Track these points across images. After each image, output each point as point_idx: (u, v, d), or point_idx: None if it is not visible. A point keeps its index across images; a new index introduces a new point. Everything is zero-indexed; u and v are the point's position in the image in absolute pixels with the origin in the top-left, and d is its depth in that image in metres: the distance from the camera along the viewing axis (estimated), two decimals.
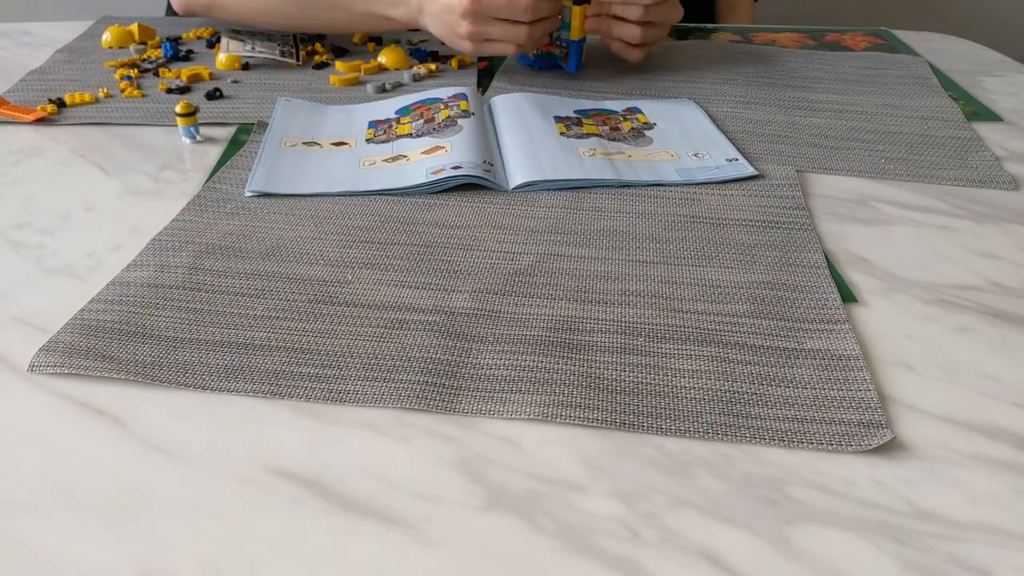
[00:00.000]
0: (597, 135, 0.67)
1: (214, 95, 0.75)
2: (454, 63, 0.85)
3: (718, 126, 0.70)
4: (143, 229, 0.55)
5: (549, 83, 0.81)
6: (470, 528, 0.34)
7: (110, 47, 0.89)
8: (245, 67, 0.84)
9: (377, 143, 0.66)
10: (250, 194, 0.58)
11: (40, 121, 0.70)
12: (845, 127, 0.73)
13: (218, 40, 0.90)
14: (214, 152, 0.66)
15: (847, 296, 0.48)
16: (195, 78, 0.79)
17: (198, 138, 0.69)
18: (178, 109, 0.67)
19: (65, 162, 0.65)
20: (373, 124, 0.69)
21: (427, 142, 0.65)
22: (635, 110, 0.72)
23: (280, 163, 0.62)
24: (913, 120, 0.74)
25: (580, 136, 0.66)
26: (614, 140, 0.66)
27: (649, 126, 0.69)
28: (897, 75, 0.85)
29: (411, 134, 0.66)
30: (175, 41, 0.88)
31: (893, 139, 0.71)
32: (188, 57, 0.86)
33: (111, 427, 0.39)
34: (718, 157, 0.64)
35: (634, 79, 0.81)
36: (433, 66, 0.83)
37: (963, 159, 0.67)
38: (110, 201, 0.59)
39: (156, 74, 0.81)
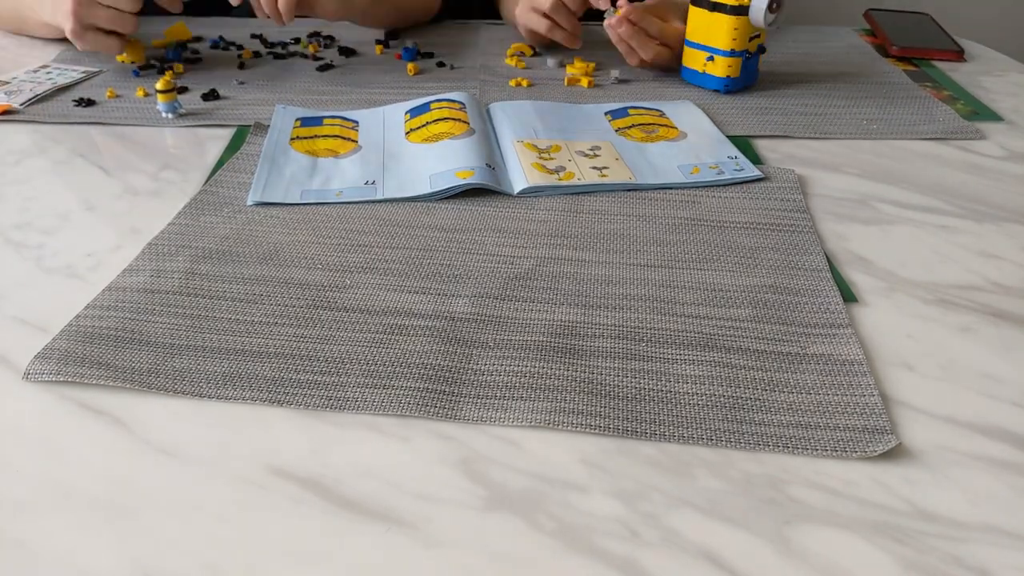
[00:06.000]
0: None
1: (210, 96, 0.75)
2: (411, 69, 0.83)
3: (719, 127, 0.70)
4: (143, 229, 0.55)
5: (539, 89, 0.81)
6: (470, 528, 0.34)
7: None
8: (241, 67, 0.84)
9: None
10: (252, 204, 0.57)
11: (40, 121, 0.71)
12: (819, 95, 0.79)
13: (222, 43, 0.90)
14: (214, 152, 0.66)
15: (847, 296, 0.48)
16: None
17: (181, 111, 0.71)
18: (158, 86, 0.69)
19: (65, 162, 0.65)
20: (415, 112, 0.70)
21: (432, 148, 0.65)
22: (662, 113, 0.73)
23: (283, 172, 0.61)
24: (872, 85, 0.81)
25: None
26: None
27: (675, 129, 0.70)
28: (839, 46, 0.93)
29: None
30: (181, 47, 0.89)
31: (863, 103, 0.77)
32: (195, 59, 0.86)
33: (111, 427, 0.39)
34: (720, 156, 0.64)
35: (605, 70, 0.81)
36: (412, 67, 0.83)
37: (929, 115, 0.74)
38: (110, 201, 0.59)
39: (161, 72, 0.81)
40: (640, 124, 0.70)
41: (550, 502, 0.35)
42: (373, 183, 0.60)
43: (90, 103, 0.74)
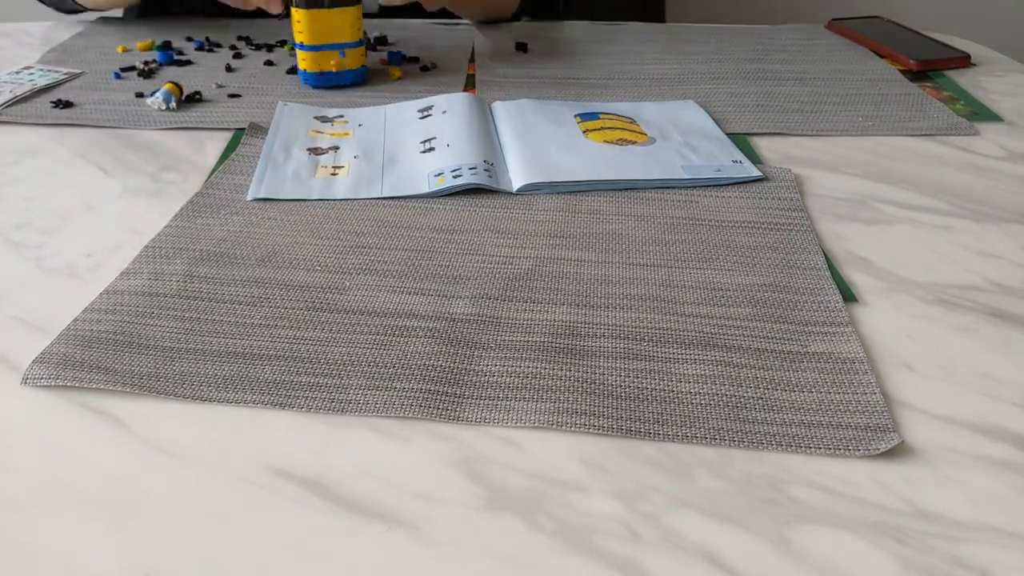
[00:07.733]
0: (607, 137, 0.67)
1: (192, 98, 0.76)
2: (395, 72, 0.83)
3: (721, 128, 0.70)
4: (143, 229, 0.55)
5: (541, 86, 0.81)
6: (470, 528, 0.34)
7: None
8: (228, 69, 0.83)
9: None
10: (252, 199, 0.58)
11: (17, 123, 0.71)
12: (814, 92, 0.79)
13: (207, 44, 0.90)
14: (213, 153, 0.66)
15: (847, 296, 0.48)
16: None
17: (173, 105, 0.73)
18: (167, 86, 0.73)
19: (65, 162, 0.65)
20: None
21: (420, 129, 0.67)
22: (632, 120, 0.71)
23: (283, 169, 0.62)
24: (865, 82, 0.81)
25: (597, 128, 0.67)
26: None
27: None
28: (828, 44, 0.93)
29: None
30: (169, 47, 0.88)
31: (859, 99, 0.77)
32: (185, 63, 0.86)
33: (111, 427, 0.39)
34: (724, 159, 0.64)
35: (603, 68, 0.81)
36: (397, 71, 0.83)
37: (923, 111, 0.74)
38: (110, 201, 0.59)
39: (146, 76, 0.81)
40: (608, 127, 0.69)
41: (550, 502, 0.35)
42: (371, 182, 0.60)
43: (68, 105, 0.74)
